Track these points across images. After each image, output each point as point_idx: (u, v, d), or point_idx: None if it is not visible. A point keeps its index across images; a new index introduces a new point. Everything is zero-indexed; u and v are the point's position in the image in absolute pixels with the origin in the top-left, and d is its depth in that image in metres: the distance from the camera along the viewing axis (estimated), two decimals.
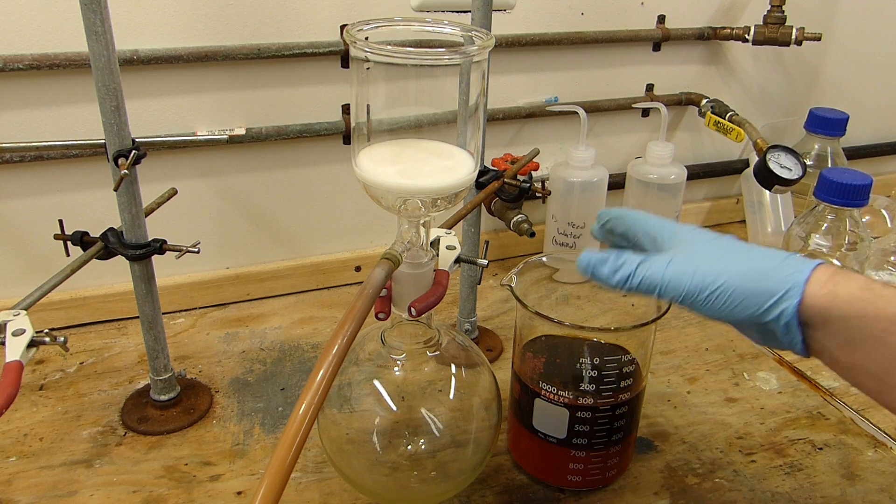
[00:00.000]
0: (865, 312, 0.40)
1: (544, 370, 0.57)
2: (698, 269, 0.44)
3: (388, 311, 0.51)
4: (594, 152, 0.87)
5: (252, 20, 0.76)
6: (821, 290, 0.41)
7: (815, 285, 0.42)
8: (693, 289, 0.44)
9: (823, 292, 0.41)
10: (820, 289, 0.41)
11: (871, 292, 0.40)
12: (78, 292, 0.79)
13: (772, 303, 0.42)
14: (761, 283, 0.42)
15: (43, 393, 0.70)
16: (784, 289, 0.42)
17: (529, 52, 0.91)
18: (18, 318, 0.52)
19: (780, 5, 0.94)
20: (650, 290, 0.45)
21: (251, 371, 0.74)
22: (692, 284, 0.44)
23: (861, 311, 0.40)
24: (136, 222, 0.60)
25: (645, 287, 0.45)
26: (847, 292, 0.41)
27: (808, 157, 0.97)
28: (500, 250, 0.98)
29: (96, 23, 0.52)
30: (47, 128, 0.73)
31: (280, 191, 0.85)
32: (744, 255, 0.45)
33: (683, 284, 0.44)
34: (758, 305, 0.42)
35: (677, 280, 0.44)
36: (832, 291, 0.41)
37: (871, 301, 0.40)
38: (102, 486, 0.59)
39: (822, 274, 0.42)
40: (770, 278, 0.42)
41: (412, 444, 0.53)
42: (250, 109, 0.80)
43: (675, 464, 0.63)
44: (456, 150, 0.50)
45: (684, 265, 0.44)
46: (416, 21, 0.50)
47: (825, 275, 0.42)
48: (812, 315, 0.42)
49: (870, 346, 0.41)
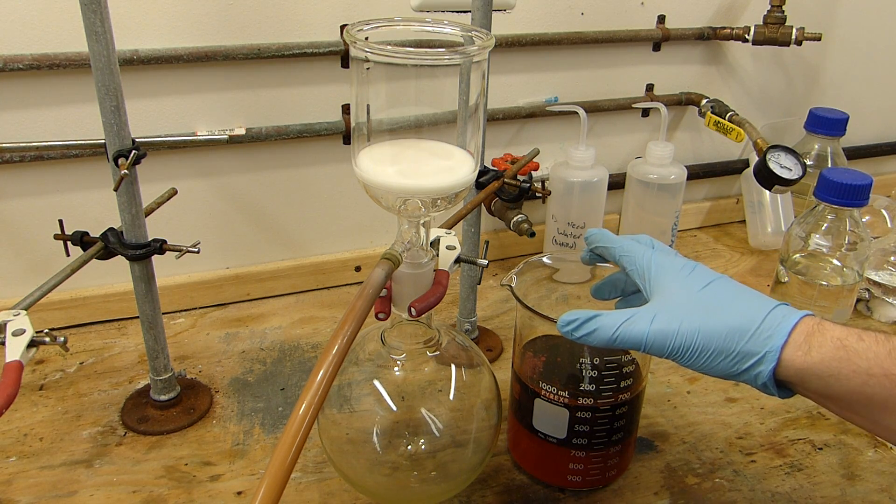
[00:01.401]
0: (840, 372, 0.41)
1: (544, 370, 0.57)
2: (681, 326, 0.44)
3: (388, 311, 0.51)
4: (594, 152, 0.87)
5: (252, 20, 0.76)
6: (796, 353, 0.42)
7: (791, 348, 0.42)
8: (676, 348, 0.44)
9: (799, 354, 0.42)
10: (795, 351, 0.42)
11: (844, 350, 0.41)
12: (78, 292, 0.79)
13: (749, 365, 0.43)
14: (741, 344, 0.43)
15: (43, 393, 0.70)
16: (762, 352, 0.42)
17: (529, 52, 0.91)
18: (18, 318, 0.52)
19: (780, 5, 0.94)
20: (634, 347, 0.45)
21: (251, 371, 0.74)
22: (675, 344, 0.44)
23: (836, 371, 0.41)
24: (136, 222, 0.60)
25: (629, 345, 0.45)
26: (820, 355, 0.41)
27: (808, 157, 0.97)
28: (500, 250, 0.98)
29: (96, 23, 0.52)
30: (47, 128, 0.73)
31: (280, 191, 0.85)
32: (729, 307, 0.45)
33: (667, 344, 0.44)
34: (735, 366, 0.43)
35: (661, 340, 0.44)
36: (807, 354, 0.42)
37: (845, 359, 0.41)
38: (102, 486, 0.59)
39: (799, 335, 0.42)
40: (750, 340, 0.43)
41: (412, 445, 0.53)
42: (250, 109, 0.80)
43: (675, 464, 0.63)
44: (456, 150, 0.50)
45: (668, 323, 0.44)
46: (416, 21, 0.50)
47: (802, 335, 0.42)
48: (788, 376, 0.43)
49: (848, 399, 0.42)
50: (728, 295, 0.46)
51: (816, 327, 0.42)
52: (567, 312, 0.46)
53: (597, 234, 0.54)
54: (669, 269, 0.48)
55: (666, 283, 0.47)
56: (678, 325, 0.44)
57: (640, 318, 0.45)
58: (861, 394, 0.41)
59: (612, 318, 0.45)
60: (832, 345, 0.41)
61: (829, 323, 0.43)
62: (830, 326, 0.42)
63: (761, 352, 0.42)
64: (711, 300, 0.45)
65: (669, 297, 0.46)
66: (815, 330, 0.42)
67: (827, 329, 0.42)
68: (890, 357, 0.40)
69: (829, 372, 0.41)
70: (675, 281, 0.47)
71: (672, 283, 0.47)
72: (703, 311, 0.44)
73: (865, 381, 0.40)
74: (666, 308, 0.45)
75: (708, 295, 0.46)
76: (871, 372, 0.40)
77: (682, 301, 0.46)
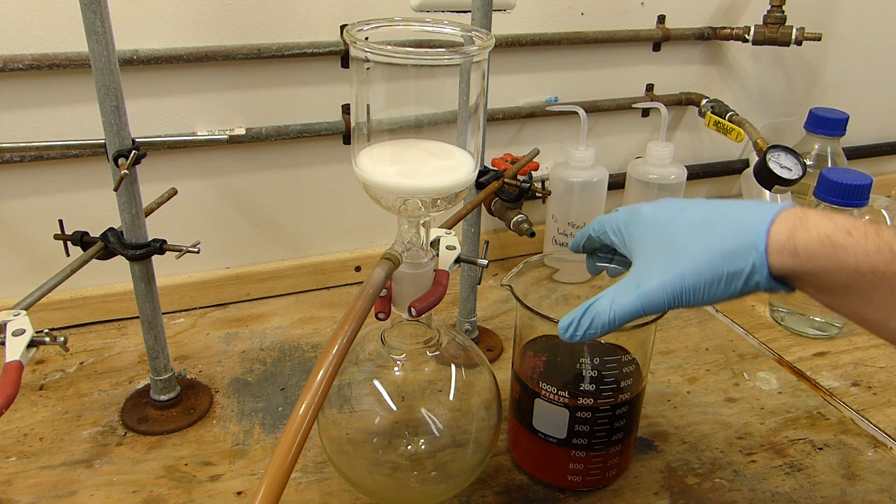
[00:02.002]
0: (828, 269, 0.40)
1: (544, 370, 0.57)
2: (665, 279, 0.44)
3: (388, 311, 0.51)
4: (594, 152, 0.87)
5: (252, 20, 0.76)
6: (783, 256, 0.41)
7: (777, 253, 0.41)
8: (670, 299, 0.44)
9: (786, 256, 0.41)
10: (781, 254, 0.41)
11: (832, 247, 0.40)
12: (78, 292, 0.79)
13: (743, 281, 0.42)
14: (726, 267, 0.42)
15: (43, 393, 0.70)
16: (748, 268, 0.42)
17: (529, 52, 0.91)
18: (18, 318, 0.52)
19: (780, 5, 0.94)
20: (636, 317, 0.45)
21: (251, 371, 0.74)
22: (667, 297, 0.44)
23: (824, 267, 0.40)
24: (136, 222, 0.60)
25: (631, 318, 0.45)
26: (808, 253, 0.41)
27: (808, 157, 0.97)
28: (500, 250, 0.98)
29: (96, 23, 0.52)
30: (47, 128, 0.73)
31: (280, 191, 0.85)
32: (702, 235, 0.44)
33: (661, 300, 0.44)
34: (733, 287, 0.43)
35: (654, 299, 0.44)
36: (794, 254, 0.41)
37: (833, 255, 0.40)
38: (102, 486, 0.59)
39: (780, 235, 0.41)
40: (733, 260, 0.42)
41: (412, 445, 0.53)
42: (250, 109, 0.80)
43: (675, 464, 0.63)
44: (456, 150, 0.50)
45: (653, 282, 0.44)
46: (416, 21, 0.50)
47: (784, 235, 0.41)
48: (783, 275, 0.42)
49: (835, 292, 0.41)
50: (696, 222, 0.45)
51: (799, 223, 0.41)
52: (562, 319, 0.47)
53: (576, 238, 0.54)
54: (636, 221, 0.48)
55: (639, 238, 0.47)
56: (661, 279, 0.44)
57: (627, 288, 0.45)
58: (848, 288, 0.41)
59: (603, 300, 0.45)
60: (819, 241, 0.40)
61: (814, 214, 0.42)
62: (815, 219, 0.41)
63: (747, 267, 0.42)
64: (683, 236, 0.45)
65: (646, 252, 0.46)
66: (798, 226, 0.41)
67: (812, 223, 0.41)
68: (879, 253, 0.39)
69: (817, 268, 0.41)
70: (645, 232, 0.47)
71: (644, 236, 0.47)
72: (679, 253, 0.44)
73: (852, 276, 0.40)
74: (646, 267, 0.45)
75: (678, 233, 0.45)
76: (858, 269, 0.39)
77: (657, 252, 0.45)
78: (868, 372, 0.76)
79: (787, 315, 0.83)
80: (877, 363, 0.78)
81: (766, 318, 0.86)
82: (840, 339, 0.82)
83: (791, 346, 0.80)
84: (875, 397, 0.72)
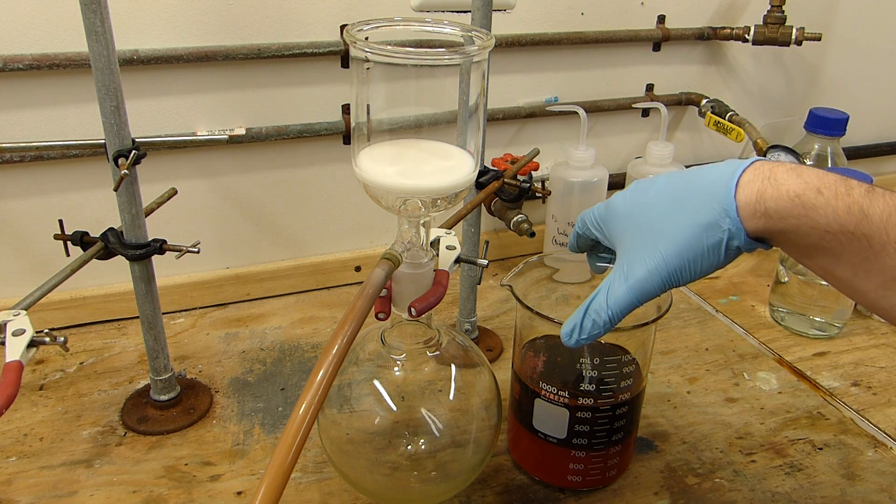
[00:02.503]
0: (798, 228, 0.41)
1: (544, 370, 0.57)
2: (650, 269, 0.44)
3: (388, 311, 0.51)
4: (594, 152, 0.87)
5: (252, 20, 0.76)
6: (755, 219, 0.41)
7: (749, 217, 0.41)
8: (661, 283, 0.44)
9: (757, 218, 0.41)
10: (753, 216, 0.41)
11: (802, 207, 0.40)
12: (78, 292, 0.79)
13: (724, 249, 0.42)
14: (705, 240, 0.43)
15: (43, 393, 0.70)
16: (724, 236, 0.42)
17: (529, 52, 0.91)
18: (18, 318, 0.52)
19: (780, 5, 0.94)
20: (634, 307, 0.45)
21: (251, 371, 0.74)
22: (657, 283, 0.44)
23: (794, 227, 0.41)
24: (136, 222, 0.60)
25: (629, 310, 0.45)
26: (778, 213, 0.41)
27: (808, 157, 0.97)
28: (500, 250, 0.98)
29: (96, 23, 0.52)
30: (47, 128, 0.73)
31: (280, 191, 0.85)
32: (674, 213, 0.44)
33: (651, 288, 0.44)
34: (717, 256, 0.43)
35: (644, 289, 0.44)
36: (764, 213, 0.41)
37: (803, 215, 0.40)
38: (102, 486, 0.59)
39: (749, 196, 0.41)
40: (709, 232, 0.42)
41: (412, 445, 0.53)
42: (250, 109, 0.80)
43: (675, 464, 0.63)
44: (456, 150, 0.50)
45: (638, 270, 0.44)
46: (416, 21, 0.50)
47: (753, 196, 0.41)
48: (759, 234, 0.42)
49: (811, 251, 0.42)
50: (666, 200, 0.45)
51: (768, 182, 0.41)
52: (564, 325, 0.47)
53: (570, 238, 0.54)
54: (611, 214, 0.48)
55: (618, 230, 0.48)
56: (646, 267, 0.44)
57: (618, 282, 0.45)
58: (817, 247, 0.41)
59: (599, 299, 0.46)
60: (789, 201, 0.40)
61: (782, 170, 0.41)
62: (784, 177, 0.41)
63: (724, 236, 0.42)
64: (657, 219, 0.45)
65: (627, 243, 0.46)
66: (766, 186, 0.41)
67: (781, 182, 0.41)
68: (848, 213, 0.39)
69: (788, 228, 0.41)
70: (622, 223, 0.47)
71: (622, 227, 0.47)
72: (658, 237, 0.44)
73: (822, 236, 0.40)
74: (630, 258, 0.45)
75: (652, 216, 0.45)
76: (828, 228, 0.40)
77: (637, 240, 0.45)
78: (868, 372, 0.76)
79: (787, 315, 0.83)
80: (877, 363, 0.78)
81: (766, 318, 0.86)
82: (840, 339, 0.82)
83: (791, 346, 0.80)
84: (875, 397, 0.72)
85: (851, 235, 0.40)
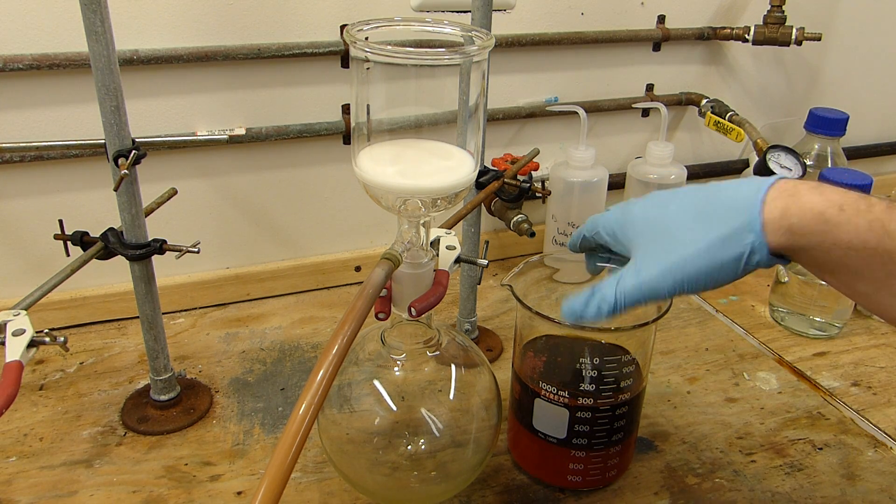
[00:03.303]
0: (821, 245, 0.41)
1: (544, 370, 0.57)
2: (663, 270, 0.44)
3: (388, 311, 0.51)
4: (594, 152, 0.87)
5: (252, 20, 0.76)
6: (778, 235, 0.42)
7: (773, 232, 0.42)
8: (671, 287, 0.44)
9: (781, 234, 0.42)
10: (776, 233, 0.42)
11: (825, 224, 0.41)
12: (78, 292, 0.79)
13: (745, 262, 0.43)
14: (726, 252, 0.43)
15: (43, 393, 0.70)
16: (746, 250, 0.42)
17: (529, 52, 0.91)
18: (18, 318, 0.52)
19: (780, 5, 0.94)
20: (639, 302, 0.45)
21: (251, 371, 0.74)
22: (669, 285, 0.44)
23: (818, 244, 0.41)
24: (136, 222, 0.60)
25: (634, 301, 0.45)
26: (802, 230, 0.41)
27: (808, 157, 0.97)
28: (500, 250, 0.98)
29: (96, 23, 0.52)
30: (47, 128, 0.73)
31: (280, 191, 0.85)
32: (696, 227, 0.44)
33: (662, 288, 0.44)
34: (735, 268, 0.43)
35: (654, 287, 0.44)
36: (788, 229, 0.41)
37: (826, 232, 0.41)
38: (102, 486, 0.59)
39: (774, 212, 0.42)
40: (730, 244, 0.43)
41: (412, 444, 0.53)
42: (250, 109, 0.80)
43: (675, 464, 0.63)
44: (456, 150, 0.50)
45: (652, 271, 0.44)
46: (416, 21, 0.50)
47: (777, 211, 0.42)
48: (781, 251, 0.43)
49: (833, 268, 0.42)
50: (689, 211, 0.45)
51: (791, 200, 0.42)
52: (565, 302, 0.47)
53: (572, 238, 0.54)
54: (629, 221, 0.48)
55: (634, 236, 0.48)
56: (660, 267, 0.44)
57: (627, 274, 0.46)
58: (839, 263, 0.41)
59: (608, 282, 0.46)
60: (813, 219, 0.41)
61: (805, 188, 0.42)
62: (808, 195, 0.42)
63: (746, 250, 0.42)
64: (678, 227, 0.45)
65: (643, 247, 0.47)
66: (790, 203, 0.42)
67: (805, 200, 0.41)
68: (870, 230, 0.40)
69: (810, 245, 0.41)
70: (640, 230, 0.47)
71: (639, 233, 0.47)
72: (677, 243, 0.44)
73: (846, 252, 0.41)
74: (645, 259, 0.46)
75: (673, 224, 0.45)
76: (850, 245, 0.40)
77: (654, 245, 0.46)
78: (868, 372, 0.76)
79: (787, 315, 0.83)
80: (877, 363, 0.78)
81: (766, 318, 0.86)
82: (840, 339, 0.82)
83: (791, 346, 0.80)
84: (875, 397, 0.72)
85: (873, 252, 0.40)
